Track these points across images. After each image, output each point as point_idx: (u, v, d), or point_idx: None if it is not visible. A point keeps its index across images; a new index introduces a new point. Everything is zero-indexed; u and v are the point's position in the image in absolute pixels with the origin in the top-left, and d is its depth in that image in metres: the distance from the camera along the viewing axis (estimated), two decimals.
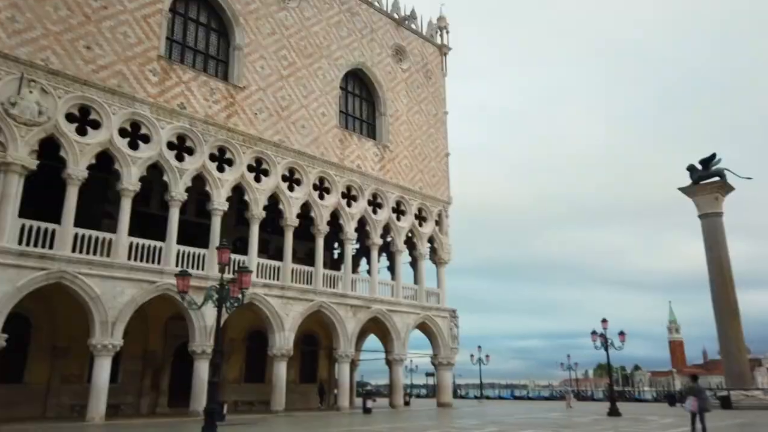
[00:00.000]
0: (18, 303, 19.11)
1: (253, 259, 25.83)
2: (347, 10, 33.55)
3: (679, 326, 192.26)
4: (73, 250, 20.58)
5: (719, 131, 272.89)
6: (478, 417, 24.99)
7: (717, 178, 37.46)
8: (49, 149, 20.95)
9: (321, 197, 29.52)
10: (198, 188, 25.42)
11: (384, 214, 32.43)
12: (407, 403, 35.89)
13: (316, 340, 33.90)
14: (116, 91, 22.67)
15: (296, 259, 29.54)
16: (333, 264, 35.78)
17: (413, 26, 38.04)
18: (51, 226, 20.35)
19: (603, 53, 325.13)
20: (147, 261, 22.50)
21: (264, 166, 27.37)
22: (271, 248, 31.29)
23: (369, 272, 33.12)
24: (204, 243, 24.72)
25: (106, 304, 20.75)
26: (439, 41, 39.78)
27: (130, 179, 22.44)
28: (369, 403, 27.30)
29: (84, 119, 21.95)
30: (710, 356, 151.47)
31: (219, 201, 25.09)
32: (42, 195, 21.31)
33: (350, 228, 30.48)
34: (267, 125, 27.75)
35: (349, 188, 31.07)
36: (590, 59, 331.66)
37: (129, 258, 21.96)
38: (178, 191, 23.80)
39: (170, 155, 23.96)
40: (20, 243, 19.45)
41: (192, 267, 23.28)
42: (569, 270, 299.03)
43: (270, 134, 27.74)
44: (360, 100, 34.46)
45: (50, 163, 20.99)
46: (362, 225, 31.76)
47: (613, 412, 25.82)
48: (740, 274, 37.77)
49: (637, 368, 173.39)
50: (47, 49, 21.12)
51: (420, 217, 34.95)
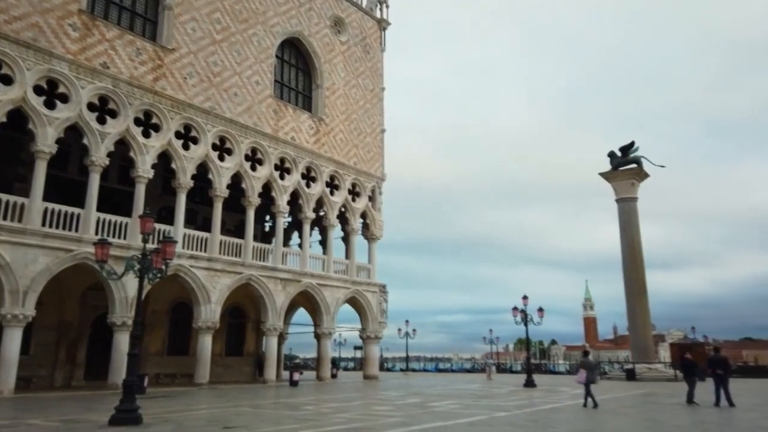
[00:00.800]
0: None
1: (180, 230, 25.05)
2: None
3: (594, 304, 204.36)
4: None
5: (641, 118, 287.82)
6: (403, 389, 25.69)
7: (634, 165, 39.68)
8: None
9: (253, 168, 28.90)
10: (121, 154, 24.27)
11: (318, 188, 32.22)
12: (334, 376, 36.31)
13: (244, 313, 33.50)
14: (31, 45, 21.08)
15: (225, 231, 28.90)
16: (264, 237, 35.31)
17: None
18: None
19: (534, 34, 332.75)
20: (64, 228, 21.33)
21: (193, 134, 26.42)
22: (199, 219, 30.46)
23: (300, 246, 32.94)
24: (127, 211, 23.71)
25: (17, 273, 19.59)
26: (379, 15, 39.45)
27: (46, 140, 21.07)
28: (296, 376, 27.42)
29: None
30: (620, 332, 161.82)
31: (144, 168, 24.03)
32: None
33: (283, 201, 30.09)
34: (197, 91, 26.71)
35: (283, 160, 30.59)
36: (522, 39, 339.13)
37: (44, 224, 20.75)
38: (99, 156, 22.60)
39: (91, 117, 22.66)
40: None
41: (113, 236, 22.32)
42: (495, 248, 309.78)
43: (200, 100, 26.74)
44: (296, 71, 33.76)
45: None
46: (295, 198, 31.43)
47: (529, 384, 27.26)
48: (650, 256, 40.52)
49: (554, 343, 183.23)
50: None
51: (353, 193, 34.98)
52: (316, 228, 35.35)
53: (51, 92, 21.73)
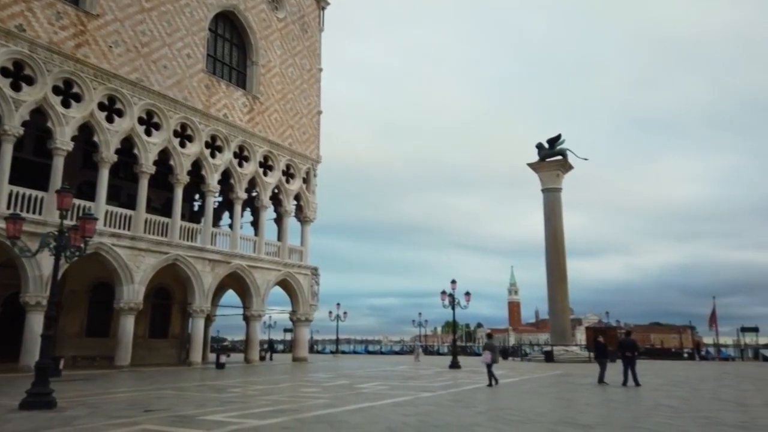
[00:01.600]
0: None
1: (101, 206, 23.88)
2: None
3: (518, 289, 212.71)
4: None
5: (573, 110, 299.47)
6: (331, 370, 25.88)
7: (560, 157, 41.37)
8: None
9: (182, 145, 27.90)
10: (38, 123, 22.77)
11: (250, 168, 31.56)
12: (263, 358, 36.04)
13: (170, 294, 32.52)
14: None
15: (151, 209, 27.87)
16: (192, 216, 34.29)
17: None
18: None
19: (473, 20, 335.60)
20: None
21: (118, 106, 25.15)
22: (123, 196, 29.16)
23: (231, 227, 32.24)
24: (44, 185, 22.35)
25: None
26: None
27: None
28: (223, 358, 27.02)
29: None
30: (542, 316, 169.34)
31: (62, 140, 22.68)
32: None
33: (213, 180, 29.28)
34: (123, 61, 25.40)
35: (214, 138, 29.70)
36: (461, 25, 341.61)
37: None
38: (13, 125, 21.13)
39: (4, 83, 21.13)
40: None
41: (27, 211, 21.02)
42: (429, 233, 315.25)
43: (126, 71, 25.45)
44: (230, 46, 32.72)
45: None
46: (226, 178, 30.66)
47: (455, 365, 28.16)
48: (572, 244, 42.90)
49: (480, 326, 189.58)
50: None
51: (288, 174, 34.52)
52: (248, 209, 34.71)
53: None
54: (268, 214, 33.74)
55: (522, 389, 16.83)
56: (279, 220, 34.72)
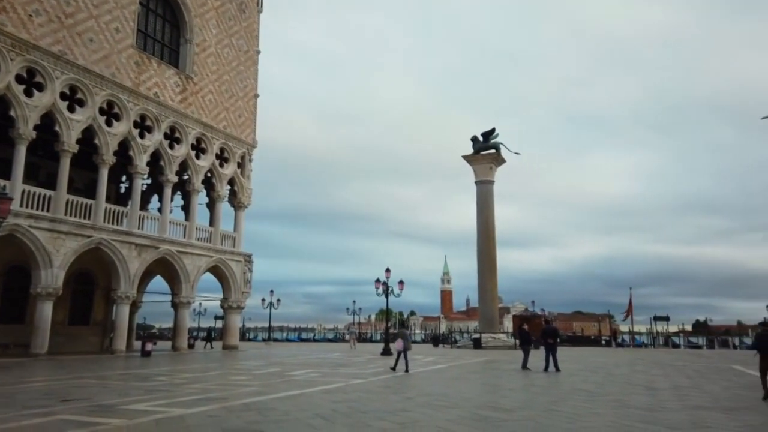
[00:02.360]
0: None
1: (17, 185, 22.49)
2: None
3: (451, 278, 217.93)
4: None
5: (512, 104, 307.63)
6: (263, 358, 25.66)
7: (493, 151, 42.54)
8: None
9: (109, 123, 26.63)
10: None
11: (182, 150, 30.55)
12: (191, 346, 35.20)
13: (93, 279, 31.12)
14: None
15: (73, 190, 26.49)
16: (119, 199, 32.87)
17: None
18: None
19: (419, 9, 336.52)
20: None
21: (38, 79, 23.68)
22: (42, 175, 27.57)
23: (160, 210, 31.12)
24: None
25: None
26: None
27: None
28: (149, 346, 26.18)
29: None
30: (472, 304, 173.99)
31: None
32: None
33: (141, 161, 28.14)
34: (45, 31, 23.87)
35: (144, 117, 28.52)
36: (407, 13, 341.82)
37: None
38: None
39: None
40: None
41: None
42: (367, 221, 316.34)
43: (48, 42, 23.95)
44: (163, 22, 31.40)
45: None
46: (156, 159, 29.56)
47: (387, 352, 28.56)
48: (504, 235, 44.51)
49: (413, 313, 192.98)
50: None
51: (222, 158, 33.67)
52: (179, 193, 33.63)
53: None
54: (201, 199, 32.86)
55: (450, 375, 17.34)
56: (211, 205, 33.87)
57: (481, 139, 43.02)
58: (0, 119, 23.70)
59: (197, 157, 31.71)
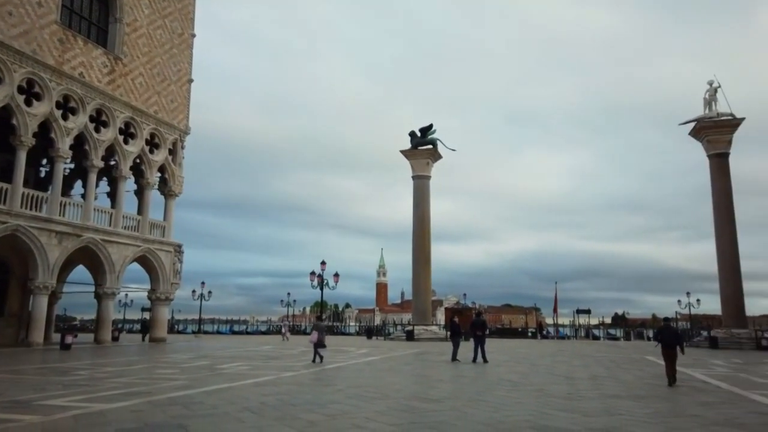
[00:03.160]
0: None
1: None
2: None
3: (387, 270, 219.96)
4: None
5: (455, 100, 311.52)
6: (192, 351, 25.03)
7: (430, 146, 43.15)
8: None
9: (28, 103, 25.07)
10: None
11: (109, 135, 29.18)
12: (116, 339, 33.79)
13: (8, 268, 29.25)
14: None
15: None
16: (39, 183, 31.03)
17: None
18: None
19: (371, 3, 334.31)
20: None
21: None
22: None
23: (84, 197, 29.64)
24: None
25: None
26: None
27: None
28: (69, 339, 24.94)
29: None
30: (407, 297, 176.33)
31: None
32: None
33: (64, 144, 26.67)
34: None
35: (67, 98, 27.02)
36: (355, 4, 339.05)
37: None
38: None
39: None
40: None
41: None
42: (306, 212, 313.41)
43: None
44: None
45: None
46: (80, 143, 28.10)
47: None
48: (438, 229, 45.32)
49: (348, 306, 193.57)
50: None
51: (152, 144, 32.42)
52: (105, 179, 32.16)
53: None
54: (129, 186, 31.56)
55: (381, 367, 17.57)
56: (140, 193, 32.59)
57: (419, 135, 43.52)
58: None
59: (126, 142, 30.39)
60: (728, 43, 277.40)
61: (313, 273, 30.67)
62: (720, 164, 35.92)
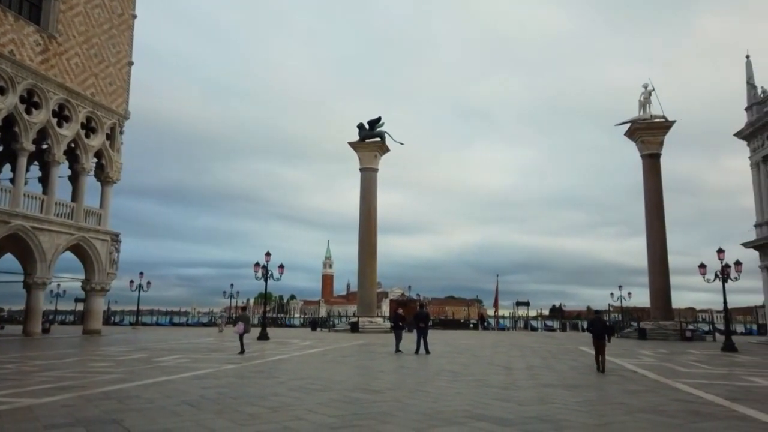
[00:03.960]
0: None
1: None
2: None
3: (333, 262, 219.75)
4: None
5: (406, 92, 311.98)
6: (129, 344, 24.25)
7: (378, 139, 43.28)
8: None
9: None
10: None
11: (41, 116, 27.72)
12: (47, 331, 32.29)
13: None
14: None
15: None
16: None
17: None
18: None
19: None
20: None
21: None
22: None
23: (13, 181, 28.06)
24: None
25: None
26: None
27: None
28: None
29: None
30: (352, 289, 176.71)
31: None
32: None
33: None
34: None
35: None
36: None
37: None
38: None
39: None
40: None
41: None
42: (250, 201, 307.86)
43: None
44: None
45: None
46: (10, 124, 26.59)
47: (263, 337, 28.28)
48: (386, 221, 45.80)
49: (293, 297, 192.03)
50: None
51: (88, 128, 31.04)
52: (36, 163, 30.58)
53: None
54: (63, 171, 30.14)
55: (325, 359, 17.59)
56: (75, 179, 31.19)
57: (367, 127, 43.54)
58: None
59: (59, 125, 28.95)
60: (666, 48, 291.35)
61: (257, 264, 30.17)
62: (652, 164, 37.76)
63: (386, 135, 43.44)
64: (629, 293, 56.03)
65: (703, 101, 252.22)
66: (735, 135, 37.24)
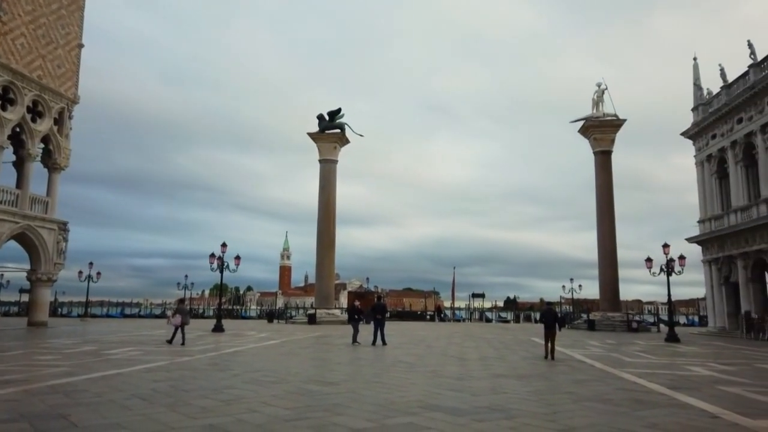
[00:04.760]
0: None
1: None
2: None
3: (291, 254, 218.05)
4: None
5: (372, 83, 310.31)
6: (77, 336, 23.50)
7: (338, 130, 43.04)
8: None
9: None
10: None
11: None
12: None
13: None
14: None
15: None
16: None
17: None
18: None
19: None
20: None
21: None
22: None
23: None
24: None
25: None
26: None
27: None
28: None
29: None
30: (311, 280, 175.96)
31: None
32: None
33: None
34: None
35: None
36: None
37: None
38: None
39: None
40: None
41: None
42: (208, 191, 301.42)
43: None
44: None
45: None
46: None
47: (218, 329, 27.86)
48: (346, 213, 45.91)
49: (250, 289, 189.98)
50: None
51: (35, 112, 29.75)
52: None
53: None
54: (7, 156, 28.83)
55: (281, 351, 17.49)
56: (20, 164, 29.89)
57: (327, 118, 43.23)
58: None
59: (3, 109, 27.65)
60: (624, 46, 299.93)
61: (213, 255, 29.66)
62: (604, 161, 38.93)
63: (346, 126, 43.26)
64: (580, 285, 57.79)
65: (656, 100, 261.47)
66: (682, 134, 38.82)
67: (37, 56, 29.68)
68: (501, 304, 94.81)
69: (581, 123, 39.81)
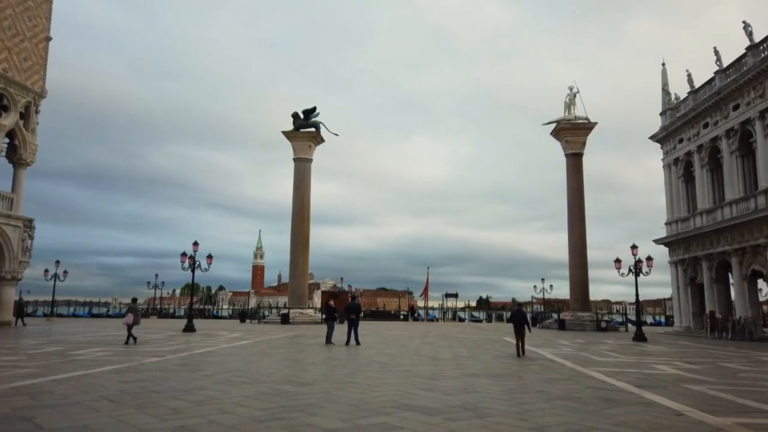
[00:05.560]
0: None
1: None
2: None
3: (264, 253, 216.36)
4: None
5: (348, 81, 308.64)
6: (43, 336, 22.92)
7: (312, 129, 42.84)
8: None
9: None
10: None
11: None
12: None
13: None
14: None
15: None
16: None
17: None
18: None
19: None
20: None
21: None
22: None
23: None
24: None
25: None
26: None
27: None
28: None
29: None
30: (284, 280, 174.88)
31: None
32: None
33: None
34: None
35: None
36: None
37: None
38: None
39: None
40: None
41: None
42: (180, 188, 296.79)
43: None
44: None
45: None
46: None
47: (189, 329, 27.47)
48: (321, 212, 45.55)
49: (222, 288, 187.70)
50: None
51: (0, 106, 28.86)
52: None
53: None
54: None
55: (253, 351, 17.34)
56: None
57: (302, 117, 42.99)
58: None
59: None
60: (597, 49, 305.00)
61: (185, 254, 29.24)
62: (575, 163, 39.58)
63: (321, 125, 43.08)
64: (551, 286, 58.62)
65: (628, 103, 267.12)
66: (650, 138, 39.71)
67: (3, 48, 28.85)
68: (474, 304, 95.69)
69: (553, 125, 40.40)
